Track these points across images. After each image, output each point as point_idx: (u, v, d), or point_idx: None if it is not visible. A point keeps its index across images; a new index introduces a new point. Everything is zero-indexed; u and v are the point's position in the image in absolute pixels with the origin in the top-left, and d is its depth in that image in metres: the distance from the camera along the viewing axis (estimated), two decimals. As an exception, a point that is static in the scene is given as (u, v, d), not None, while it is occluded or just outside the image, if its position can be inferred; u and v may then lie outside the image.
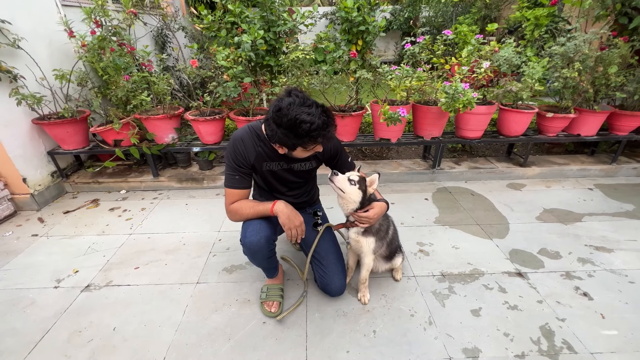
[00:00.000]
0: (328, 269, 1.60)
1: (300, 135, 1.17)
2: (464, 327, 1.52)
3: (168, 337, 1.49)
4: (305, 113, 1.15)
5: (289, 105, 1.16)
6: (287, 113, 1.15)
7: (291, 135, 1.18)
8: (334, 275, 1.59)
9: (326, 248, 1.61)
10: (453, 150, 3.45)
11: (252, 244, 1.40)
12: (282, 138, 1.21)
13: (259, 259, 1.49)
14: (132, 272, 1.90)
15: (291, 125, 1.15)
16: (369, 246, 1.53)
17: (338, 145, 1.55)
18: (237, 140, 1.38)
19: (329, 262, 1.60)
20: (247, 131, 1.41)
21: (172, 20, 4.30)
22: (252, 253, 1.45)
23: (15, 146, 2.43)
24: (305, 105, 1.17)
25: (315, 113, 1.16)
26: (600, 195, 2.68)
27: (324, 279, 1.61)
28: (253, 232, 1.40)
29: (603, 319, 1.55)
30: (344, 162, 1.59)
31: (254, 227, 1.42)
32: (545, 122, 2.77)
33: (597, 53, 2.50)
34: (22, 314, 1.63)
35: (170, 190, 2.88)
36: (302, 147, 1.24)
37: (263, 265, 1.58)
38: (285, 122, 1.16)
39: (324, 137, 1.21)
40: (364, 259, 1.58)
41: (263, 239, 1.40)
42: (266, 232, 1.42)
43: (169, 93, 2.78)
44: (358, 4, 2.62)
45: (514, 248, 2.05)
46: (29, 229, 2.35)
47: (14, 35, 2.29)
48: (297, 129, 1.15)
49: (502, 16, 6.34)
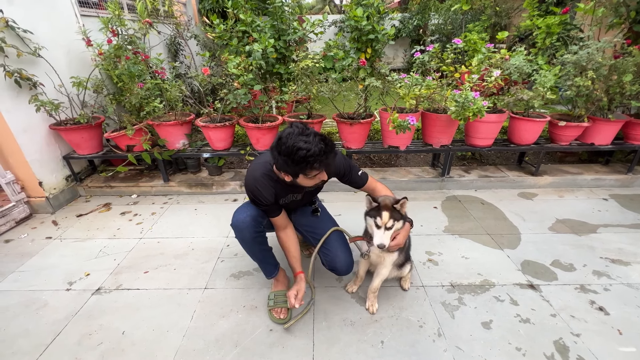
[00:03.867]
0: (331, 247, 1.61)
1: (298, 161, 1.23)
2: (474, 339, 1.48)
3: (176, 342, 1.50)
4: (303, 141, 1.21)
5: (288, 135, 1.24)
6: (286, 141, 1.23)
7: (289, 161, 1.24)
8: (337, 250, 1.60)
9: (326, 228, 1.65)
10: (463, 158, 3.41)
11: (238, 221, 1.49)
12: (283, 165, 1.29)
13: (247, 240, 1.52)
14: (142, 276, 1.93)
15: (289, 152, 1.22)
16: (391, 260, 1.52)
17: (346, 163, 1.56)
18: (254, 189, 1.45)
19: (331, 240, 1.62)
20: (261, 177, 1.45)
21: (185, 29, 4.41)
22: (240, 232, 1.50)
23: (33, 151, 2.51)
24: (303, 135, 1.23)
25: (313, 141, 1.22)
26: (616, 206, 2.61)
27: (328, 257, 1.61)
28: (240, 212, 1.52)
29: (620, 334, 1.49)
30: (354, 177, 1.60)
31: (241, 209, 1.54)
32: (557, 130, 2.73)
33: (611, 61, 2.46)
34: (35, 315, 1.66)
35: (180, 195, 2.92)
36: (303, 174, 1.29)
37: (255, 253, 1.59)
38: (284, 149, 1.23)
39: (322, 163, 1.25)
40: (381, 270, 1.56)
41: (248, 217, 1.48)
42: (252, 212, 1.50)
43: (180, 100, 2.84)
44: (367, 12, 2.65)
45: (525, 259, 2.01)
46: (44, 231, 2.40)
47: (34, 44, 2.38)
48: (294, 156, 1.22)
49: (513, 23, 6.30)
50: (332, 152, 1.28)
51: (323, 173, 1.33)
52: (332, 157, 1.31)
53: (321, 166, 1.27)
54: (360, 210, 1.54)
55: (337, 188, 2.90)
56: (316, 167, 1.26)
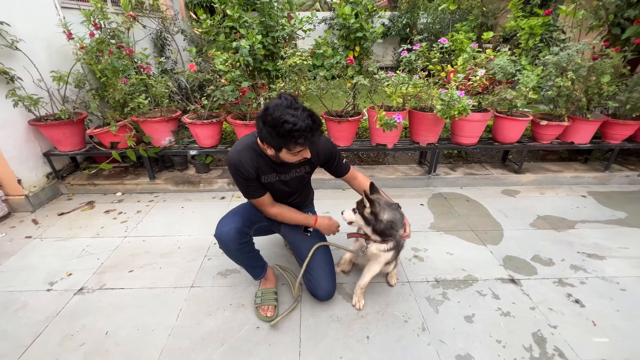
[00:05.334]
0: (314, 273, 1.60)
1: (282, 134, 1.19)
2: (457, 333, 1.52)
3: (161, 341, 1.48)
4: (290, 114, 1.17)
5: (276, 106, 1.20)
6: (273, 112, 1.19)
7: (274, 133, 1.21)
8: (320, 278, 1.59)
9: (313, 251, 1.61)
10: (449, 156, 3.47)
11: (222, 234, 1.46)
12: (266, 137, 1.25)
13: (231, 251, 1.50)
14: (126, 275, 1.89)
15: (275, 124, 1.18)
16: (386, 258, 1.54)
17: (332, 149, 1.56)
18: (237, 162, 1.39)
19: (315, 266, 1.60)
20: (244, 149, 1.41)
21: (172, 23, 4.32)
22: (224, 244, 1.48)
23: (11, 147, 2.42)
24: (292, 108, 1.19)
25: (300, 116, 1.19)
26: (593, 203, 2.71)
27: (311, 282, 1.61)
28: (224, 224, 1.48)
29: (594, 326, 1.56)
30: (338, 165, 1.61)
31: (227, 219, 1.51)
32: (539, 129, 2.81)
33: (589, 63, 2.55)
34: (14, 317, 1.62)
35: (167, 193, 2.88)
36: (286, 148, 1.26)
37: (241, 260, 1.58)
38: (270, 120, 1.19)
39: (307, 139, 1.22)
40: (373, 267, 1.58)
41: (232, 230, 1.45)
42: (237, 223, 1.47)
43: (166, 96, 2.79)
44: (356, 10, 2.65)
45: (507, 254, 2.07)
46: (23, 230, 2.33)
47: (12, 37, 2.29)
48: (279, 128, 1.18)
49: (499, 24, 6.41)
50: (318, 130, 1.25)
51: (307, 150, 1.30)
52: (318, 136, 1.28)
53: (306, 142, 1.23)
54: (348, 208, 1.55)
55: (325, 185, 2.91)
56: (300, 142, 1.22)
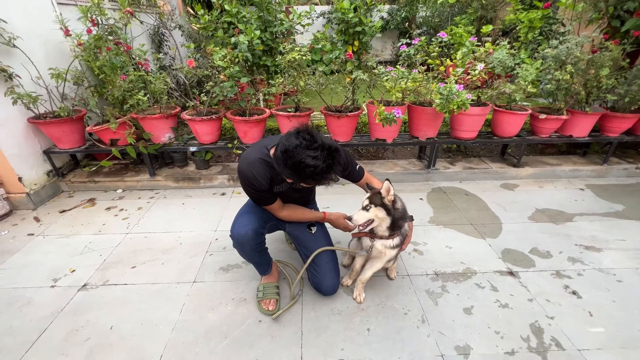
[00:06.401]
0: (320, 268, 1.63)
1: (304, 177, 1.21)
2: (456, 325, 1.55)
3: (165, 335, 1.51)
4: (311, 157, 1.17)
5: (296, 148, 1.18)
6: (293, 156, 1.18)
7: (296, 176, 1.23)
8: (325, 274, 1.62)
9: (319, 247, 1.63)
10: (448, 150, 3.48)
11: (240, 235, 1.47)
12: (286, 173, 1.26)
13: (247, 251, 1.53)
14: (129, 271, 1.91)
15: (296, 167, 1.19)
16: (390, 255, 1.56)
17: (347, 160, 1.54)
18: (250, 176, 1.38)
19: (321, 261, 1.63)
20: (256, 162, 1.39)
21: (169, 19, 4.29)
22: (240, 245, 1.50)
23: (11, 145, 2.42)
24: (311, 149, 1.18)
25: (320, 157, 1.19)
26: (591, 196, 2.73)
27: (316, 278, 1.64)
28: (241, 225, 1.48)
29: (591, 316, 1.59)
30: (352, 172, 1.61)
31: (243, 219, 1.51)
32: (538, 123, 2.81)
33: (588, 56, 2.55)
34: (19, 313, 1.64)
35: (167, 190, 2.89)
36: (306, 183, 1.30)
37: (254, 259, 1.61)
38: (291, 164, 1.19)
39: (328, 179, 1.25)
40: (376, 263, 1.60)
41: (250, 231, 1.47)
42: (254, 224, 1.49)
43: (165, 92, 2.78)
44: (354, 4, 2.64)
45: (506, 247, 2.09)
46: (25, 228, 2.34)
47: (9, 34, 2.27)
48: (301, 172, 1.20)
49: (499, 17, 6.37)
50: (338, 166, 1.26)
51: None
52: (338, 169, 1.28)
53: (327, 179, 1.27)
54: (348, 202, 1.57)
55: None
56: (323, 183, 1.27)
